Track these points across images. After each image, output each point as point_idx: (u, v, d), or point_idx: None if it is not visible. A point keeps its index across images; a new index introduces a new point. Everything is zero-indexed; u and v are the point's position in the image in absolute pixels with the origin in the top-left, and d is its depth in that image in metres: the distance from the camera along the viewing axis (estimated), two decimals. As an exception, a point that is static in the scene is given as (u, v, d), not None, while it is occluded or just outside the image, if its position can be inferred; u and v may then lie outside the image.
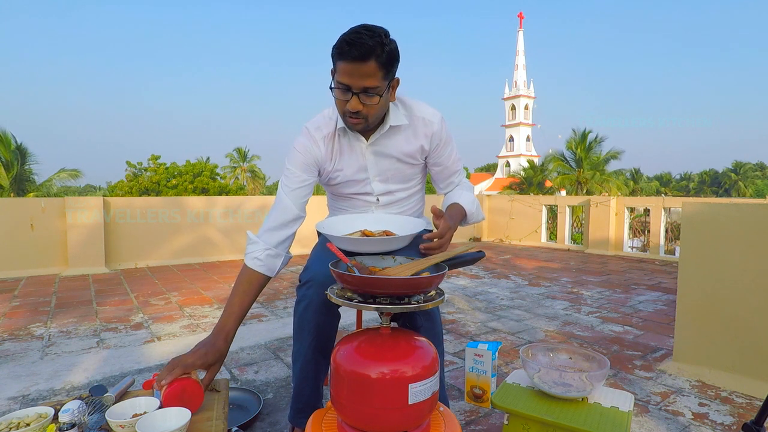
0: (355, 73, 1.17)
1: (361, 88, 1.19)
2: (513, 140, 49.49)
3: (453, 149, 1.49)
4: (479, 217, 1.50)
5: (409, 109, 1.39)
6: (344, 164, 1.40)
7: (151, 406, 1.22)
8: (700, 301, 2.06)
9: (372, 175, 1.41)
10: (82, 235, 4.96)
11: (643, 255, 6.32)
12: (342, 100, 1.24)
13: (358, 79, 1.18)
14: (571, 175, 26.59)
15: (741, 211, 1.95)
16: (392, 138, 1.38)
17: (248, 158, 38.10)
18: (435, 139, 1.41)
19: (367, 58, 1.15)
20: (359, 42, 1.14)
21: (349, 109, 1.23)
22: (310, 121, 1.40)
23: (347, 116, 1.27)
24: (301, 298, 1.32)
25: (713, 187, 57.14)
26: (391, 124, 1.35)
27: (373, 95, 1.21)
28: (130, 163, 22.00)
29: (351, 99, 1.21)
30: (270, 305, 3.42)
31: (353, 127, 1.31)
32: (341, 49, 1.16)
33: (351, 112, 1.24)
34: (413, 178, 1.49)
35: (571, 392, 1.30)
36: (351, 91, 1.20)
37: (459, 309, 3.32)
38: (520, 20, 49.58)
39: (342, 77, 1.19)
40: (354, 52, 1.14)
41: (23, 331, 2.79)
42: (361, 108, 1.22)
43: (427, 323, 1.35)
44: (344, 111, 1.26)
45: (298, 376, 1.37)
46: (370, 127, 1.32)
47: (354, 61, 1.15)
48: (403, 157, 1.41)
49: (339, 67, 1.20)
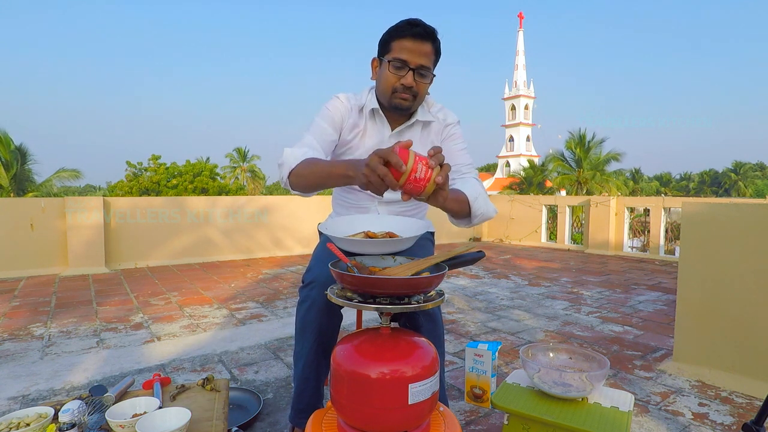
0: (415, 51, 1.27)
1: (418, 65, 1.28)
2: (513, 140, 49.48)
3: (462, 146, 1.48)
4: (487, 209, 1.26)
5: (435, 108, 1.48)
6: (365, 137, 1.43)
7: (151, 406, 1.22)
8: (700, 301, 2.06)
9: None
10: (82, 235, 4.96)
11: (643, 255, 6.32)
12: (396, 75, 1.31)
13: (417, 56, 1.27)
14: (571, 175, 26.59)
15: (741, 211, 1.95)
16: (415, 132, 1.44)
17: (248, 158, 38.11)
18: (445, 132, 1.48)
19: (427, 39, 1.27)
20: (422, 24, 1.26)
21: (403, 83, 1.30)
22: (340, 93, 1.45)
23: (398, 92, 1.32)
24: (304, 299, 1.33)
25: (713, 187, 57.15)
26: (417, 118, 1.42)
27: (426, 75, 1.30)
28: (130, 163, 22.00)
29: (407, 74, 1.29)
30: (270, 305, 3.42)
31: (401, 103, 1.34)
32: (403, 28, 1.27)
33: (405, 87, 1.31)
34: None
35: (571, 392, 1.30)
36: (408, 66, 1.28)
37: (459, 309, 3.32)
38: (520, 20, 49.58)
39: (401, 53, 1.27)
40: (418, 29, 1.26)
41: (23, 331, 2.79)
42: (414, 85, 1.30)
43: (429, 324, 1.35)
44: (395, 87, 1.32)
45: (300, 376, 1.37)
46: (414, 108, 1.38)
47: (416, 38, 1.26)
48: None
49: (397, 45, 1.28)
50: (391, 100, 1.35)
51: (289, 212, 6.29)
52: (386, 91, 1.34)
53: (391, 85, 1.32)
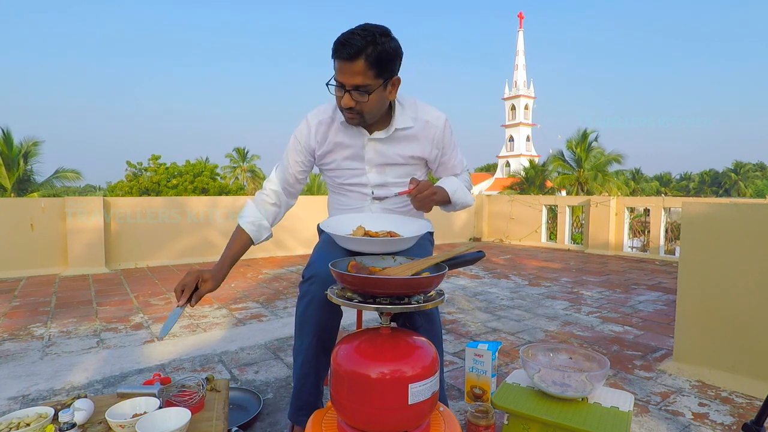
0: (346, 71, 1.24)
1: (353, 85, 1.25)
2: (513, 140, 49.45)
3: (456, 152, 1.55)
4: (465, 199, 1.51)
5: (415, 111, 1.44)
6: (338, 151, 1.45)
7: (151, 406, 1.22)
8: (700, 301, 2.06)
9: (368, 167, 1.45)
10: (82, 236, 4.96)
11: (643, 255, 6.32)
12: (337, 96, 1.32)
13: (349, 77, 1.24)
14: (571, 176, 26.58)
15: (741, 211, 1.95)
16: (396, 138, 1.43)
17: (248, 158, 38.11)
18: (438, 144, 1.47)
19: (356, 57, 1.21)
20: (349, 42, 1.21)
21: (342, 105, 1.31)
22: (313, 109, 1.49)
23: (343, 111, 1.33)
24: (303, 294, 1.33)
25: (713, 187, 57.13)
26: (396, 126, 1.40)
27: (364, 93, 1.26)
28: (130, 163, 22.00)
29: (344, 96, 1.28)
30: (270, 305, 3.42)
31: (350, 121, 1.36)
32: (335, 47, 1.25)
33: (345, 108, 1.31)
34: (412, 175, 1.49)
35: (571, 392, 1.30)
36: (344, 88, 1.27)
37: (459, 309, 3.32)
38: (520, 20, 49.56)
39: (337, 74, 1.27)
40: (343, 51, 1.22)
41: (23, 331, 2.79)
42: (354, 104, 1.28)
43: (427, 324, 1.35)
44: (340, 106, 1.33)
45: (299, 372, 1.37)
46: (368, 122, 1.37)
47: (344, 59, 1.22)
48: (405, 159, 1.45)
49: (335, 65, 1.27)
50: (344, 117, 1.36)
51: (290, 213, 6.20)
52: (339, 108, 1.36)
53: (338, 104, 1.33)
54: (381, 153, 1.43)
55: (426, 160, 1.49)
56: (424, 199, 1.33)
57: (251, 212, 1.48)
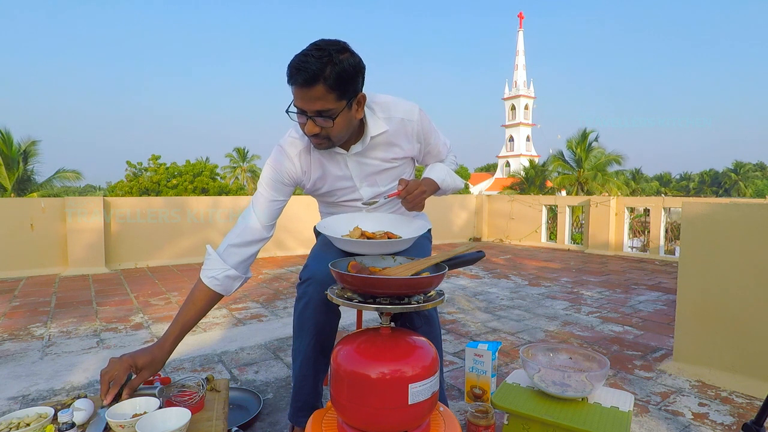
0: (305, 98, 1.15)
1: (314, 111, 1.17)
2: (513, 140, 49.50)
3: (438, 137, 1.48)
4: (455, 184, 1.47)
5: (387, 111, 1.34)
6: (326, 176, 1.38)
7: (151, 406, 1.22)
8: (700, 301, 2.06)
9: (358, 183, 1.41)
10: (82, 236, 4.96)
11: (643, 255, 6.32)
12: (300, 123, 1.23)
13: (310, 103, 1.15)
14: (571, 176, 26.59)
15: (741, 211, 1.95)
16: (375, 147, 1.36)
17: (248, 158, 38.12)
18: (420, 136, 1.40)
19: (313, 83, 1.12)
20: (304, 67, 1.11)
21: (306, 132, 1.22)
22: (284, 137, 1.38)
23: (309, 138, 1.25)
24: (301, 296, 1.33)
25: (713, 187, 57.13)
26: (371, 135, 1.32)
27: (328, 118, 1.18)
28: (131, 163, 22.03)
29: (307, 122, 1.19)
30: (270, 305, 3.42)
31: (318, 147, 1.28)
32: (289, 72, 1.14)
33: (310, 135, 1.22)
34: (402, 175, 1.46)
35: (570, 392, 1.30)
36: (306, 115, 1.18)
37: (459, 309, 3.32)
38: (520, 20, 49.61)
39: (296, 101, 1.18)
40: (299, 78, 1.12)
41: (23, 331, 2.79)
42: (319, 131, 1.20)
43: (426, 326, 1.35)
44: (305, 133, 1.24)
45: (298, 373, 1.38)
46: (337, 144, 1.28)
47: (300, 86, 1.13)
48: (388, 162, 1.40)
49: (293, 91, 1.17)
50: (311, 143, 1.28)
51: (290, 213, 6.26)
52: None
53: (303, 131, 1.24)
54: (364, 165, 1.37)
55: (412, 157, 1.45)
56: (415, 199, 1.29)
57: (213, 263, 1.33)
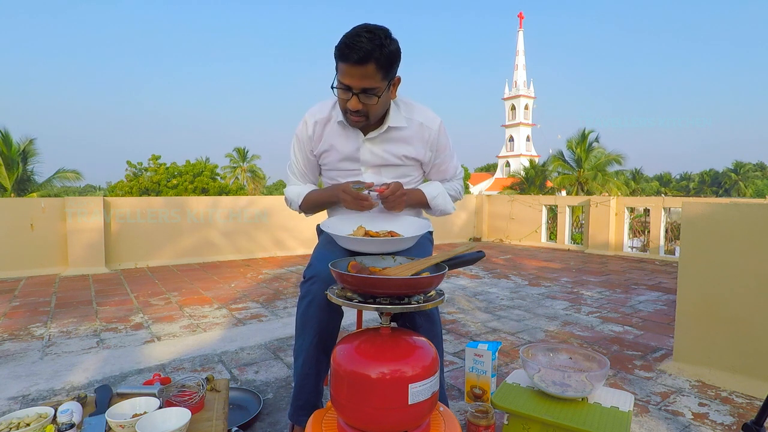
0: (355, 75, 1.24)
1: (361, 88, 1.26)
2: (513, 140, 49.49)
3: (451, 156, 1.54)
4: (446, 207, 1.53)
5: (410, 112, 1.44)
6: (334, 151, 1.46)
7: (151, 406, 1.22)
8: (700, 301, 2.06)
9: (364, 168, 1.46)
10: (82, 236, 4.96)
11: (643, 255, 6.32)
12: (343, 99, 1.31)
13: (358, 80, 1.24)
14: (571, 176, 26.59)
15: (741, 211, 1.95)
16: (390, 138, 1.43)
17: (248, 158, 38.12)
18: (433, 147, 1.47)
19: (366, 61, 1.21)
20: (358, 45, 1.19)
21: (349, 107, 1.30)
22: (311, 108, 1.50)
23: (348, 114, 1.33)
24: (304, 294, 1.33)
25: (713, 187, 57.14)
26: (390, 125, 1.40)
27: (372, 95, 1.28)
28: (131, 163, 22.05)
29: (351, 98, 1.28)
30: (270, 305, 3.42)
31: (355, 124, 1.37)
32: (341, 51, 1.23)
33: (352, 111, 1.31)
34: (408, 175, 1.51)
35: (570, 392, 1.30)
36: (351, 91, 1.27)
37: (459, 309, 3.32)
38: (520, 20, 49.59)
39: (343, 78, 1.26)
40: (353, 55, 1.20)
41: (23, 331, 2.79)
42: (361, 107, 1.29)
43: (427, 323, 1.36)
44: (345, 109, 1.33)
45: (299, 372, 1.38)
46: (371, 123, 1.38)
47: (354, 63, 1.21)
48: (398, 158, 1.45)
49: (340, 68, 1.26)
50: (347, 119, 1.37)
51: (291, 213, 6.28)
52: (341, 110, 1.37)
53: (342, 107, 1.34)
54: (375, 154, 1.44)
55: (420, 161, 1.50)
56: (395, 200, 1.35)
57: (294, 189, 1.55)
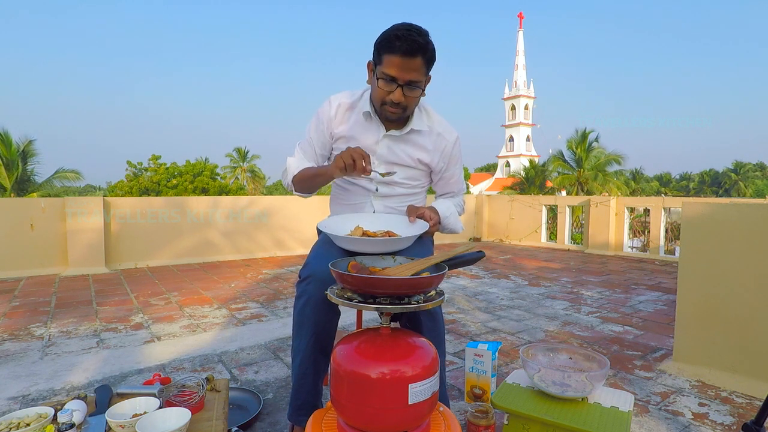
0: (404, 67, 1.26)
1: (407, 81, 1.28)
2: (513, 140, 49.48)
3: (460, 171, 1.59)
4: (455, 226, 1.55)
5: (431, 120, 1.48)
6: (351, 140, 1.46)
7: (151, 406, 1.22)
8: (700, 301, 2.06)
9: (378, 162, 1.47)
10: (82, 236, 4.96)
11: (643, 255, 6.32)
12: (385, 90, 1.32)
13: (406, 73, 1.27)
14: (571, 176, 26.59)
15: (741, 212, 1.95)
16: (409, 140, 1.46)
17: (248, 158, 38.11)
18: (445, 158, 1.51)
19: (416, 54, 1.25)
20: (410, 38, 1.23)
21: (392, 99, 1.32)
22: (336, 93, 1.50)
23: (387, 105, 1.35)
24: (300, 294, 1.33)
25: (713, 187, 57.13)
26: (412, 127, 1.44)
27: (416, 88, 1.31)
28: (131, 163, 22.05)
29: (395, 90, 1.30)
30: (270, 305, 3.42)
31: (391, 116, 1.38)
32: (392, 43, 1.25)
33: (393, 103, 1.32)
34: (417, 179, 1.55)
35: (570, 392, 1.30)
36: (396, 82, 1.29)
37: (459, 309, 3.32)
38: (520, 20, 49.59)
39: (389, 69, 1.28)
40: (405, 46, 1.24)
41: (23, 331, 2.79)
42: (403, 100, 1.32)
43: (430, 322, 1.36)
44: (385, 100, 1.34)
45: (297, 372, 1.38)
46: (405, 116, 1.41)
47: (404, 55, 1.24)
48: (413, 160, 1.49)
49: (387, 60, 1.27)
50: (381, 111, 1.38)
51: (290, 213, 6.28)
52: (377, 102, 1.38)
53: (381, 98, 1.35)
54: (392, 151, 1.46)
55: (432, 169, 1.54)
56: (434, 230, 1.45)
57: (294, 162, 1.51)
